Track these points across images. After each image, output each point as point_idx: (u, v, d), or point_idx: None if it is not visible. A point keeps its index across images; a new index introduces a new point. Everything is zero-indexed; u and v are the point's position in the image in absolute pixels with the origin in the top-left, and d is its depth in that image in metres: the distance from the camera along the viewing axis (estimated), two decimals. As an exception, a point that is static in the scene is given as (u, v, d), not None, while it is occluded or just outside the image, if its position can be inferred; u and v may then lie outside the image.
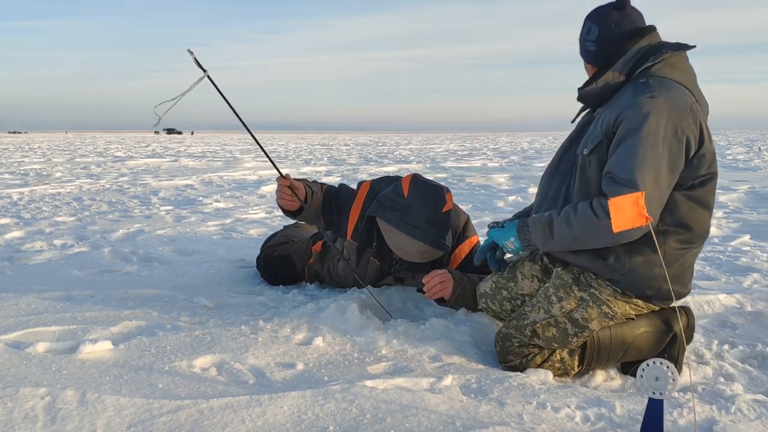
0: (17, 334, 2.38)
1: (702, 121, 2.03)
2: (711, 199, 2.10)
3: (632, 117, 1.96)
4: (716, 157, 2.10)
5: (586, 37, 2.16)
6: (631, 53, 2.09)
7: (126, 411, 1.73)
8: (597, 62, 2.16)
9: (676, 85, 2.02)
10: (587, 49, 2.17)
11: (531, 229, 2.13)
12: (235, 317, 2.67)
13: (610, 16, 2.12)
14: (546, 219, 2.08)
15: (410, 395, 1.89)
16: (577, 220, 1.99)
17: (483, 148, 25.62)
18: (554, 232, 2.05)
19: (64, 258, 3.98)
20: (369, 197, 2.90)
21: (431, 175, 11.40)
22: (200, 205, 6.96)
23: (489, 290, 2.47)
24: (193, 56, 2.57)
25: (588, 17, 2.17)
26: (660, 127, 1.93)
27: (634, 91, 2.01)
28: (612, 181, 1.95)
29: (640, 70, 2.06)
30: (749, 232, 5.04)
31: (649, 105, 1.95)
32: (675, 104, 1.97)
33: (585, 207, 1.98)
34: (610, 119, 2.03)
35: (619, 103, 2.03)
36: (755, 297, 3.07)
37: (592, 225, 1.95)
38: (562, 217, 2.03)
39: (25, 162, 14.97)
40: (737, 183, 9.23)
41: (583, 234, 1.99)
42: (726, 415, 1.84)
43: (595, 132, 2.09)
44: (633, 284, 2.08)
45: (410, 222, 2.60)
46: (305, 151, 24.25)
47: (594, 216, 1.94)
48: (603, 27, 2.12)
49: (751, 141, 31.39)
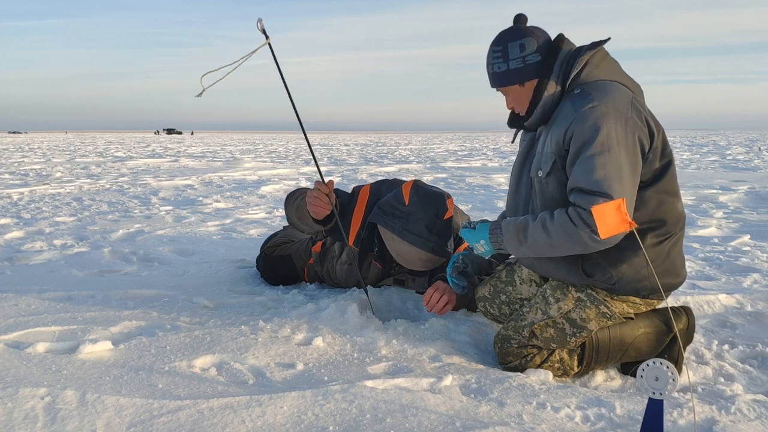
0: (17, 334, 2.38)
1: (645, 113, 2.03)
2: (675, 185, 2.10)
3: (581, 130, 1.93)
4: (667, 140, 2.08)
5: (523, 53, 2.07)
6: (560, 59, 2.08)
7: (126, 411, 1.73)
8: (540, 73, 2.09)
9: (610, 84, 2.03)
10: (530, 63, 2.08)
11: (504, 232, 2.09)
12: (235, 317, 2.67)
13: (528, 28, 2.11)
14: (520, 223, 2.05)
15: (410, 395, 1.89)
16: (554, 226, 1.96)
17: (483, 148, 25.62)
18: (528, 236, 2.02)
19: (64, 258, 3.98)
20: (370, 202, 2.90)
21: (431, 175, 11.40)
22: (200, 205, 6.96)
23: (487, 294, 2.47)
24: (260, 24, 2.48)
25: (509, 39, 2.09)
26: (611, 133, 1.92)
27: (573, 105, 1.99)
28: (581, 193, 1.92)
29: (571, 79, 2.06)
30: (749, 232, 5.04)
31: (594, 115, 1.93)
32: (617, 106, 1.96)
33: (562, 214, 1.95)
34: (558, 138, 2.00)
35: (562, 119, 2.01)
36: (755, 297, 3.07)
37: (570, 232, 1.92)
38: (538, 223, 2.00)
39: (25, 162, 14.97)
40: (737, 183, 9.23)
41: (560, 240, 1.96)
42: (726, 415, 1.84)
43: (545, 153, 2.07)
44: (626, 289, 2.09)
45: (411, 230, 2.59)
46: (305, 151, 24.25)
47: (572, 224, 1.91)
48: (534, 36, 2.08)
49: (751, 141, 31.40)
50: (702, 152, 20.04)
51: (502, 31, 2.13)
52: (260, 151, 23.75)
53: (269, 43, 2.49)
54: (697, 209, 6.45)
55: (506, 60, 2.09)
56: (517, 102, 2.16)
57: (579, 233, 1.90)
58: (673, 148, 1.95)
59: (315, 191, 2.68)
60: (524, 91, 2.13)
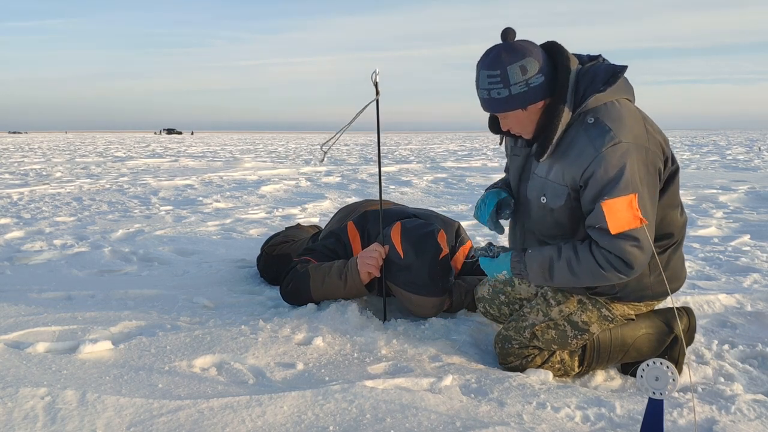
0: (17, 334, 2.38)
1: (654, 130, 1.98)
2: (677, 196, 2.07)
3: (605, 172, 1.85)
4: (670, 148, 2.03)
5: (525, 76, 1.89)
6: (571, 83, 1.93)
7: (126, 411, 1.73)
8: (548, 93, 1.94)
9: (621, 107, 1.93)
10: (534, 86, 1.91)
11: (528, 267, 2.05)
12: (235, 317, 2.67)
13: (523, 46, 1.92)
14: (546, 260, 2.01)
15: (410, 395, 1.89)
16: (581, 268, 1.94)
17: (483, 148, 25.61)
18: (554, 275, 2.00)
19: (64, 258, 3.98)
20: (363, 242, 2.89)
21: (431, 175, 11.40)
22: (200, 205, 6.96)
23: (487, 294, 2.47)
24: (375, 77, 2.51)
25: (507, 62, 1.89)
26: (635, 172, 1.87)
27: (592, 141, 1.88)
28: (606, 235, 1.87)
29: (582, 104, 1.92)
30: (749, 232, 5.04)
31: (617, 155, 1.85)
32: (636, 138, 1.89)
33: (587, 255, 1.92)
34: (574, 174, 1.92)
35: (579, 155, 1.90)
36: (755, 297, 3.07)
37: (597, 275, 1.93)
38: (564, 262, 1.97)
39: (25, 162, 14.96)
40: (737, 183, 9.23)
41: (587, 280, 1.97)
42: (726, 415, 1.84)
43: (554, 184, 1.99)
44: (629, 296, 2.10)
45: (416, 282, 2.56)
46: (305, 151, 24.24)
47: (599, 268, 1.91)
48: (533, 55, 1.91)
49: (751, 141, 31.41)
50: (702, 152, 20.04)
51: (496, 53, 1.92)
52: (260, 151, 23.75)
53: (378, 99, 2.57)
54: (697, 209, 6.45)
55: (507, 85, 1.90)
56: (517, 125, 2.01)
57: (607, 276, 1.92)
58: (673, 148, 1.93)
59: (375, 252, 2.61)
60: (527, 115, 1.97)
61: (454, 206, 6.93)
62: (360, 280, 2.64)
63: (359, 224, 2.95)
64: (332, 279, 2.68)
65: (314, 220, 5.80)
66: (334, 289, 2.69)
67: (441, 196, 8.05)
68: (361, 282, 2.64)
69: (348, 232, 2.95)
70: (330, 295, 2.72)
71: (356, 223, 2.96)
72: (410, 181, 10.17)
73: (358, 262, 2.63)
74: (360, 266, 2.62)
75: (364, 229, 2.92)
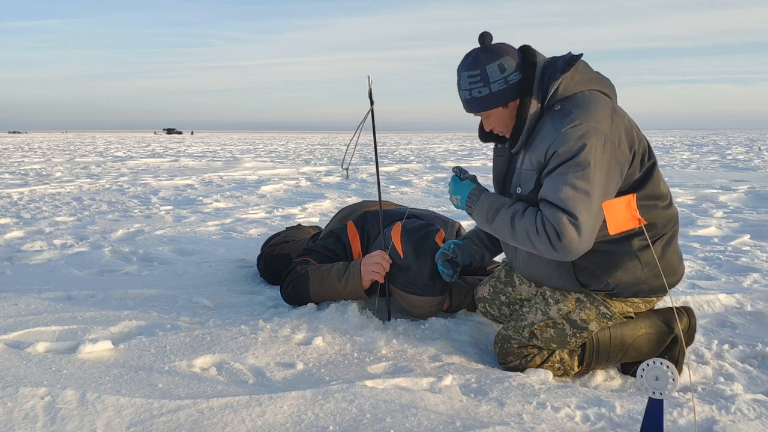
0: (17, 334, 2.38)
1: (624, 124, 2.00)
2: (660, 189, 2.08)
3: (562, 150, 1.91)
4: (648, 145, 2.07)
5: (504, 74, 2.01)
6: (537, 75, 2.03)
7: (126, 411, 1.73)
8: (521, 92, 2.04)
9: (590, 96, 1.99)
10: (512, 83, 2.03)
11: (479, 202, 2.11)
12: (235, 317, 2.67)
13: (500, 47, 2.05)
14: (496, 204, 2.07)
15: (410, 395, 1.89)
16: (520, 223, 1.97)
17: (483, 148, 25.61)
18: (496, 219, 2.05)
19: (64, 258, 3.98)
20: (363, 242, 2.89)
21: (431, 175, 11.40)
22: (200, 205, 6.96)
23: (487, 295, 2.47)
24: (369, 84, 2.59)
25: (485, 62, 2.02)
26: (590, 153, 1.89)
27: (554, 124, 1.95)
28: (548, 204, 1.93)
29: (550, 95, 2.01)
30: (749, 232, 5.04)
31: (575, 134, 1.90)
32: (598, 124, 1.93)
33: (531, 215, 1.96)
34: (539, 157, 1.98)
35: (542, 138, 1.98)
36: (755, 297, 3.07)
37: (531, 235, 1.94)
38: (509, 212, 2.02)
39: (25, 162, 14.96)
40: (737, 183, 9.23)
41: (520, 238, 1.98)
42: (726, 415, 1.84)
43: (524, 171, 2.05)
44: (626, 293, 2.10)
45: (414, 283, 2.56)
46: (305, 151, 24.24)
47: (534, 229, 1.92)
48: (509, 54, 2.03)
49: (751, 141, 31.40)
50: (702, 152, 20.04)
51: (474, 55, 2.05)
52: (260, 151, 23.74)
53: (372, 109, 2.64)
54: (697, 209, 6.45)
55: (487, 83, 2.03)
56: (499, 124, 2.11)
57: (536, 240, 1.93)
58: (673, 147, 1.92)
59: (379, 257, 2.60)
60: (508, 112, 2.08)
61: (453, 206, 6.93)
62: (361, 286, 2.63)
63: (359, 224, 2.95)
64: (331, 281, 2.68)
65: (314, 220, 5.80)
66: (333, 292, 2.69)
67: (441, 196, 8.05)
68: (362, 287, 2.64)
69: (348, 231, 2.95)
70: (329, 297, 2.72)
71: (356, 223, 2.96)
72: (410, 181, 10.17)
73: (363, 269, 2.62)
74: (364, 273, 2.62)
75: (363, 229, 2.92)
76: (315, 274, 2.72)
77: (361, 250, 2.88)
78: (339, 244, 2.92)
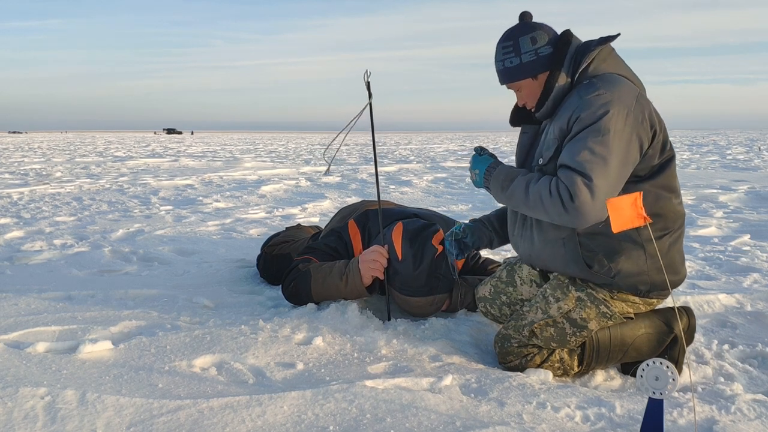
0: (17, 334, 2.38)
1: (650, 109, 2.05)
2: (674, 183, 2.12)
3: (585, 115, 1.96)
4: (669, 138, 2.10)
5: (535, 46, 2.10)
6: (570, 51, 2.09)
7: (126, 411, 1.73)
8: (552, 64, 2.11)
9: (618, 78, 2.05)
10: (543, 55, 2.10)
11: (496, 173, 2.14)
12: (235, 317, 2.67)
13: (536, 23, 2.13)
14: (513, 173, 2.10)
15: (410, 395, 1.89)
16: (534, 188, 2.00)
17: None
18: (511, 186, 2.08)
19: (64, 258, 3.98)
20: (364, 241, 2.89)
21: (431, 175, 11.40)
22: (200, 205, 6.96)
23: (488, 294, 2.47)
24: (366, 78, 2.59)
25: (519, 34, 2.11)
26: (611, 120, 1.94)
27: (580, 94, 2.01)
28: (565, 169, 1.95)
29: (580, 72, 2.08)
30: (749, 232, 5.04)
31: (598, 102, 1.95)
32: (622, 98, 1.98)
33: (546, 181, 1.98)
34: (562, 124, 2.02)
35: (568, 107, 2.03)
36: (755, 297, 3.07)
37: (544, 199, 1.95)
38: (524, 179, 2.05)
39: (25, 162, 14.96)
40: (737, 183, 9.23)
41: (533, 202, 2.00)
42: (726, 415, 1.84)
43: (548, 140, 2.09)
44: (625, 283, 2.09)
45: (412, 285, 2.58)
46: (305, 151, 24.24)
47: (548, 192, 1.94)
48: (543, 30, 2.12)
49: (751, 141, 31.41)
50: (702, 152, 20.04)
51: (510, 28, 2.15)
52: (260, 151, 23.75)
53: (370, 103, 2.64)
54: (697, 209, 6.45)
55: (518, 54, 2.11)
56: (530, 96, 2.17)
57: (551, 201, 1.94)
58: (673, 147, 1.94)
59: (377, 254, 2.60)
60: (537, 84, 2.14)
61: (454, 206, 6.93)
62: (361, 283, 2.63)
63: (360, 222, 2.95)
64: (333, 280, 2.68)
65: (314, 220, 5.80)
66: (335, 290, 2.69)
67: (441, 196, 8.05)
68: (363, 284, 2.64)
69: (349, 230, 2.95)
70: (330, 296, 2.72)
71: (357, 221, 2.96)
72: (410, 180, 10.17)
73: (361, 266, 2.62)
74: (363, 270, 2.62)
75: (365, 228, 2.92)
76: (317, 273, 2.72)
77: (363, 248, 2.88)
78: (340, 242, 2.92)
